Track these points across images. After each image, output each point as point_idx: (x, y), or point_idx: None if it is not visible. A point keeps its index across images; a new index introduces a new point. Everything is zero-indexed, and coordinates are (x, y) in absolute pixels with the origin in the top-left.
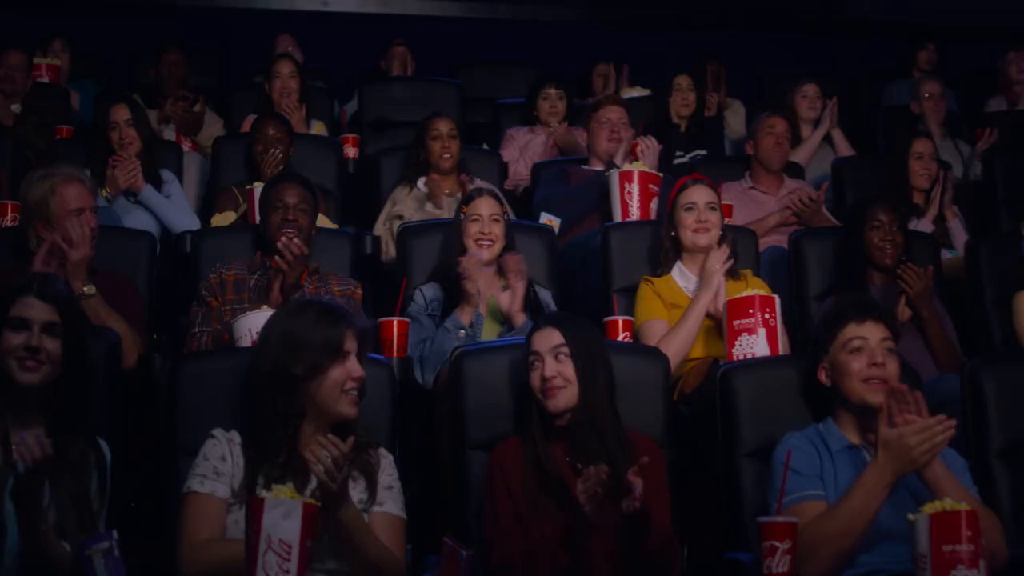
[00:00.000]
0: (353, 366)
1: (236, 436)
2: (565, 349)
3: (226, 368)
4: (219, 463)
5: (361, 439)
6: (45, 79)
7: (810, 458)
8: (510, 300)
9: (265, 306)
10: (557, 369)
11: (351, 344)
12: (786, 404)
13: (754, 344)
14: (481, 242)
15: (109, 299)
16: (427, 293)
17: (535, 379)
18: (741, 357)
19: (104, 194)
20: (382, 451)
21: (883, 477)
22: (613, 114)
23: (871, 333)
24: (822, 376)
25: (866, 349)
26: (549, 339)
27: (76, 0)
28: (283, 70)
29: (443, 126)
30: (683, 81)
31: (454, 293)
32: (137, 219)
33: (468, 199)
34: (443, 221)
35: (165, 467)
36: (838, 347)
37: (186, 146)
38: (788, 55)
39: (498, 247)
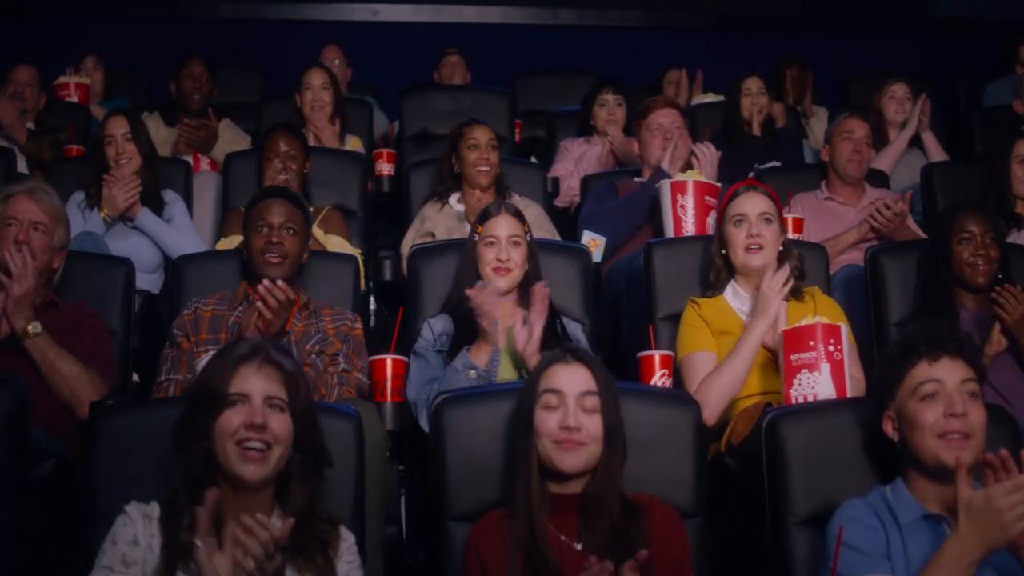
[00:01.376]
0: (250, 412)
1: (155, 509)
2: (596, 400)
3: (156, 423)
4: (128, 549)
5: (317, 518)
6: (73, 98)
7: (873, 532)
8: (526, 339)
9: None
10: (582, 421)
11: (249, 385)
12: (848, 461)
13: (816, 383)
14: (499, 270)
15: (68, 336)
16: (436, 327)
17: (548, 422)
18: (800, 399)
19: (102, 215)
20: (342, 531)
21: (967, 552)
22: (666, 118)
23: (948, 374)
24: (888, 429)
25: (942, 395)
26: (576, 379)
27: (112, 16)
28: (314, 81)
29: (481, 135)
30: (753, 84)
31: (466, 327)
32: (135, 245)
33: (483, 217)
34: (459, 242)
35: (83, 541)
36: (907, 393)
37: (204, 163)
38: (876, 57)
39: (518, 274)
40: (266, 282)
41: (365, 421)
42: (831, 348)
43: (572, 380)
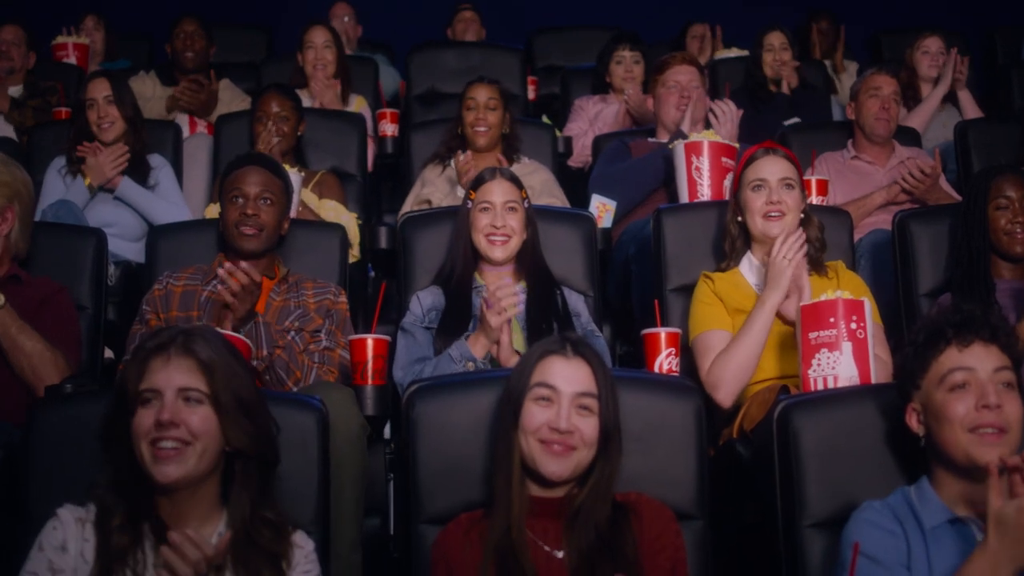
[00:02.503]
0: (160, 408)
1: (91, 511)
2: (593, 401)
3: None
4: (57, 556)
5: (262, 524)
6: (72, 59)
7: (892, 539)
8: (497, 348)
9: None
10: (576, 423)
11: (159, 379)
12: (868, 457)
13: (836, 363)
14: (493, 238)
15: (31, 313)
16: (425, 301)
17: (537, 418)
18: (820, 381)
19: (87, 183)
20: (298, 538)
21: (995, 570)
22: (683, 76)
23: (980, 361)
24: (912, 422)
25: (973, 385)
26: (575, 377)
27: None
28: (317, 39)
29: (480, 94)
30: (775, 39)
31: (457, 301)
32: (118, 213)
33: (477, 182)
34: (454, 209)
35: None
36: (933, 382)
37: (201, 126)
38: (909, 8)
39: (515, 243)
40: (228, 264)
41: (341, 408)
42: (853, 325)
43: (570, 377)
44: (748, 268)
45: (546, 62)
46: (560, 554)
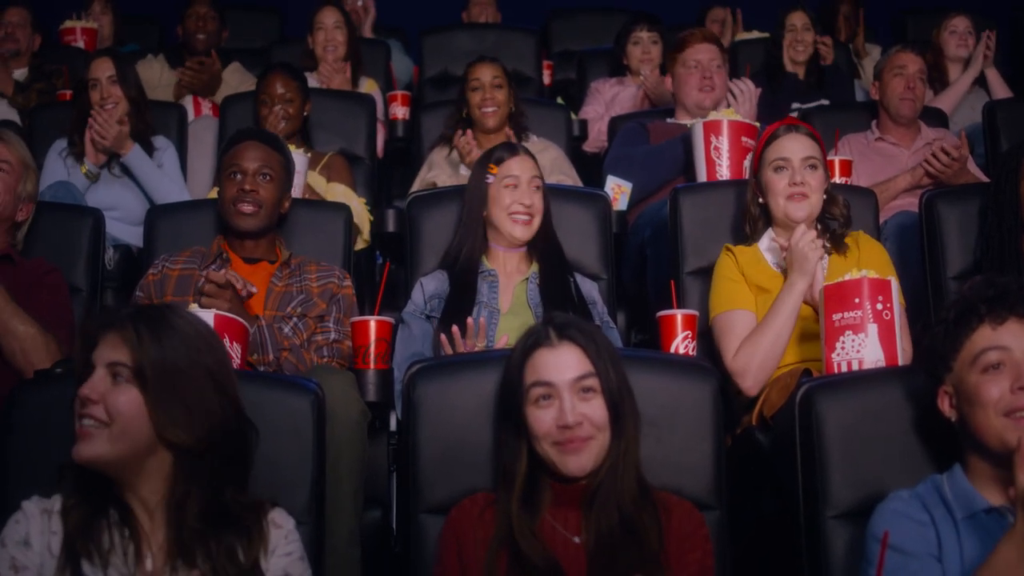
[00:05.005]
0: (87, 384)
1: (56, 503)
2: (594, 381)
3: None
4: (20, 552)
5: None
6: (80, 44)
7: (920, 529)
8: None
9: (195, 304)
10: (583, 413)
11: (97, 354)
12: (897, 444)
13: (862, 346)
14: (517, 216)
15: (23, 294)
16: (428, 287)
17: (544, 422)
18: (844, 365)
19: (84, 170)
20: (275, 516)
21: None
22: (703, 54)
23: (1015, 339)
24: (944, 406)
25: (1008, 365)
26: (566, 363)
27: None
28: (327, 20)
29: (485, 74)
30: (797, 19)
31: (462, 286)
32: (120, 196)
33: (499, 158)
34: (464, 188)
35: None
36: (965, 363)
37: (205, 108)
38: None
39: (537, 223)
40: (211, 271)
41: (340, 393)
42: (879, 306)
43: (562, 365)
44: (768, 246)
45: (562, 46)
46: (578, 540)
